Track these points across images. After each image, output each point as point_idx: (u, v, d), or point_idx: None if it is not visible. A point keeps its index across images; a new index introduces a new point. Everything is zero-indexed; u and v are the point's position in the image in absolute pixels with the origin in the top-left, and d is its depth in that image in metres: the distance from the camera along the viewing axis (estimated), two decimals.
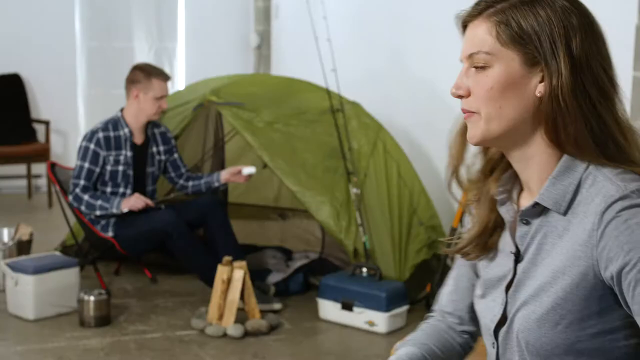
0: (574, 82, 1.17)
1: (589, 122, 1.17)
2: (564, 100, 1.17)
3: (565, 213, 1.20)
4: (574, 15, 1.19)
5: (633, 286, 1.09)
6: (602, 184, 1.16)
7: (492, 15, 1.21)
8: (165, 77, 4.14)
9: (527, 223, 1.25)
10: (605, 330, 1.17)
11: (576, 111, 1.17)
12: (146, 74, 4.09)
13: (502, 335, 1.28)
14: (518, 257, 1.27)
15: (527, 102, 1.20)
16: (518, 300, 1.24)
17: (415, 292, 4.09)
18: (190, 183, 4.32)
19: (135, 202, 4.00)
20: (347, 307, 3.77)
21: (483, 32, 1.21)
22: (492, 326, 1.30)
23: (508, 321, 1.26)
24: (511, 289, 1.26)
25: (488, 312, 1.31)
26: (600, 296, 1.15)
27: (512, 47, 1.20)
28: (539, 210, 1.23)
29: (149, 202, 4.05)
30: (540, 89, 1.19)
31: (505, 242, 1.31)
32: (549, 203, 1.21)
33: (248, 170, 4.17)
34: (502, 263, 1.30)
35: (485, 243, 1.33)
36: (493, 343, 1.31)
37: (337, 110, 4.28)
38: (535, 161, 1.23)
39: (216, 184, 4.27)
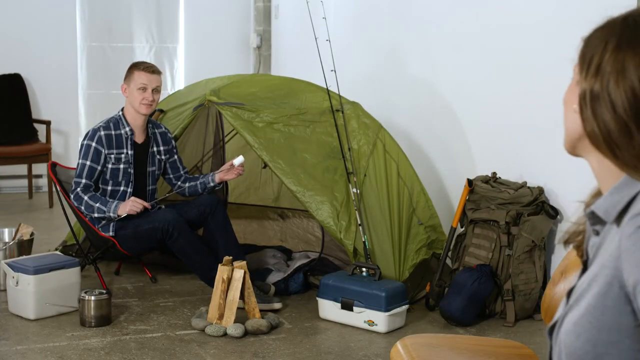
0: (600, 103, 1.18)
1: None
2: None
3: (615, 223, 1.19)
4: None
5: None
6: None
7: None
8: (148, 69, 4.13)
9: (597, 234, 1.25)
10: (636, 349, 1.14)
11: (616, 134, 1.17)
12: (132, 68, 4.17)
13: (554, 337, 1.30)
14: (586, 265, 1.28)
15: (575, 116, 1.23)
16: (569, 304, 1.26)
17: (414, 291, 4.11)
18: (187, 184, 4.33)
19: (132, 206, 4.00)
20: (346, 306, 3.78)
21: None
22: (548, 327, 1.32)
23: (558, 323, 1.28)
24: (571, 295, 1.28)
25: (557, 314, 1.34)
26: (632, 311, 1.13)
27: (578, 63, 1.23)
28: (598, 219, 1.23)
29: (146, 204, 4.05)
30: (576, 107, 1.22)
31: None
32: (600, 211, 1.21)
33: (238, 160, 4.18)
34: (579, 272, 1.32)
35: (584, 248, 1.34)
36: (549, 344, 1.34)
37: (337, 110, 4.29)
38: (605, 173, 1.23)
39: (211, 184, 4.27)
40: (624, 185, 1.20)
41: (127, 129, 4.13)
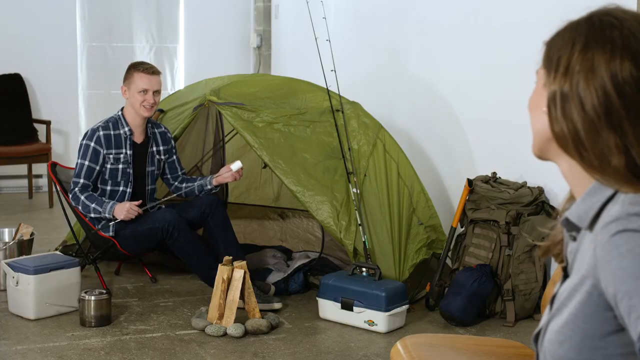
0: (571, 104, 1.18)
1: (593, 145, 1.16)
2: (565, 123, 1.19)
3: (588, 229, 1.19)
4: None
5: (627, 314, 1.08)
6: (617, 204, 1.15)
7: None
8: (148, 70, 4.11)
9: (574, 239, 1.25)
10: (618, 354, 1.15)
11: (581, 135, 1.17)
12: (131, 69, 4.14)
13: (539, 345, 1.30)
14: (566, 271, 1.28)
15: (543, 119, 1.23)
16: (552, 312, 1.26)
17: (414, 291, 4.11)
18: (184, 185, 4.32)
19: (127, 214, 3.98)
20: (346, 306, 3.78)
21: None
22: (534, 335, 1.32)
23: (542, 331, 1.28)
24: (554, 302, 1.28)
25: (541, 321, 1.34)
26: (613, 317, 1.14)
27: (544, 66, 1.25)
28: (573, 225, 1.23)
29: (140, 211, 4.04)
30: (544, 108, 1.22)
31: None
32: (574, 217, 1.21)
33: (236, 165, 4.16)
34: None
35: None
36: (535, 351, 1.34)
37: (337, 110, 4.29)
38: (577, 178, 1.23)
39: (208, 187, 4.26)
40: (595, 190, 1.20)
41: (126, 129, 4.13)
